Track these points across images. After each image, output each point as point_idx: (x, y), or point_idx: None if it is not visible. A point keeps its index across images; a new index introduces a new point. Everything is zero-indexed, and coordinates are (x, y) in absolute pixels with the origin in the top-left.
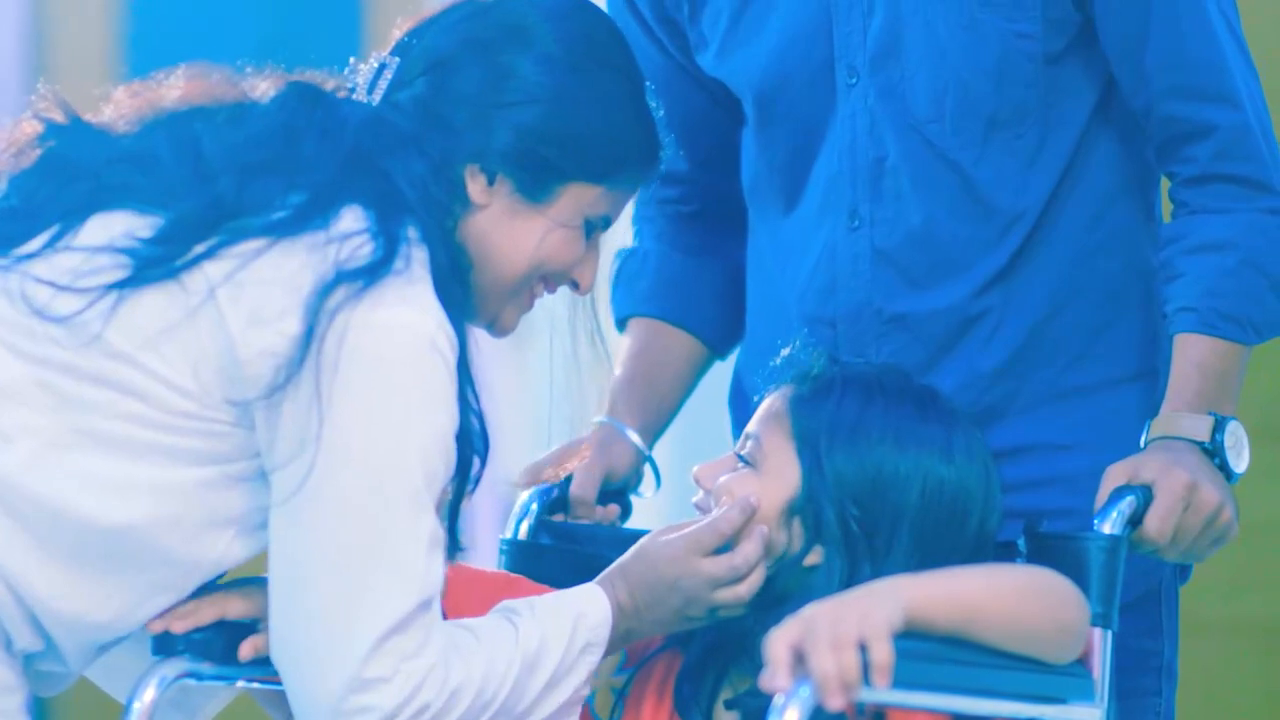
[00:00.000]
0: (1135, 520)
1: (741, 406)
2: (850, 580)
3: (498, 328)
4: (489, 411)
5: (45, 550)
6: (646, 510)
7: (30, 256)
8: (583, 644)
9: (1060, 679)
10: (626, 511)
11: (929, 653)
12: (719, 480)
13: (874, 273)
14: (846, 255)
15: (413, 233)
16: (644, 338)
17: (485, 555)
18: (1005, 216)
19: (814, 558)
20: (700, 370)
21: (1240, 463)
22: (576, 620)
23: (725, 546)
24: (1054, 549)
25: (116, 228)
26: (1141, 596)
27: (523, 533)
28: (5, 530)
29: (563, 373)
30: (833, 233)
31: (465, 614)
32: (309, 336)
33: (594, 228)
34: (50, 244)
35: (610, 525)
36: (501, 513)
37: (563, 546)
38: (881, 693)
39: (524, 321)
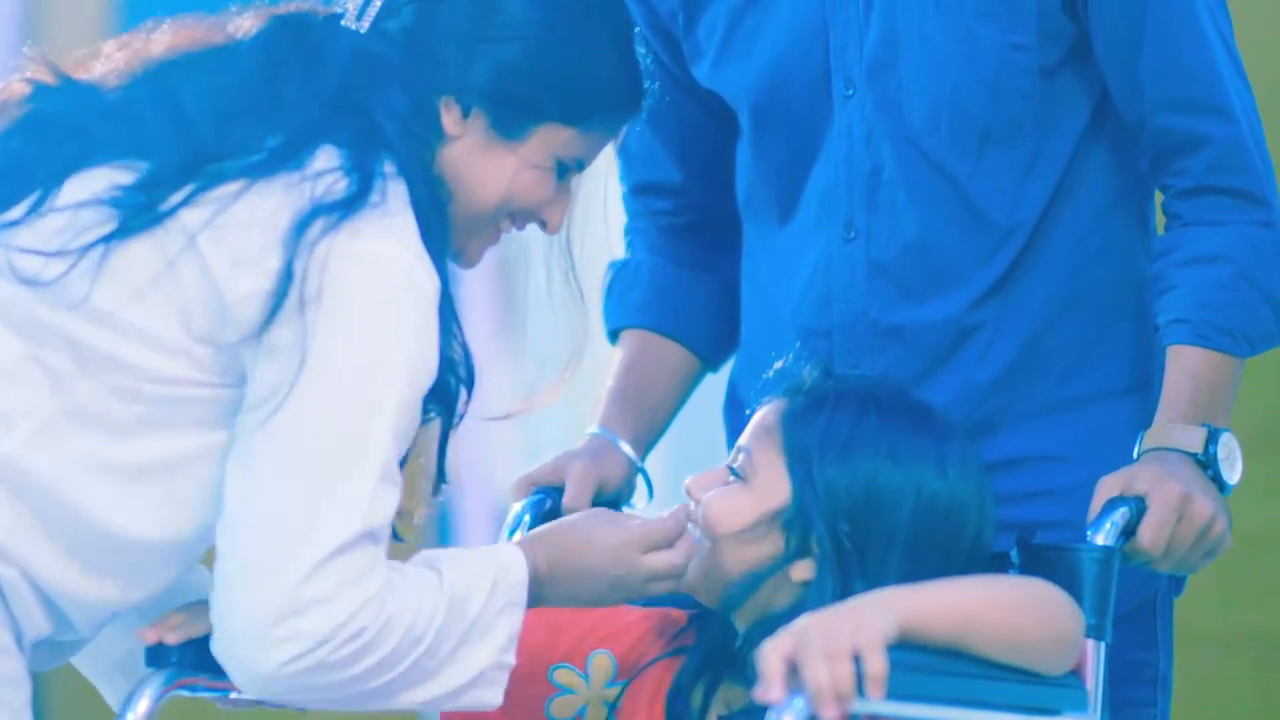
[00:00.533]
0: (1128, 532)
1: (736, 417)
2: (843, 596)
3: (463, 260)
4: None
5: (51, 531)
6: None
7: (13, 224)
8: (503, 602)
9: (1054, 690)
10: None
11: (923, 664)
12: (707, 494)
13: (869, 284)
14: (842, 266)
15: (389, 167)
16: (636, 349)
17: None
18: (1000, 229)
19: (804, 572)
20: (692, 382)
21: (1233, 474)
22: (497, 577)
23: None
24: (1047, 560)
25: (98, 183)
26: (1136, 608)
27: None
28: (13, 513)
29: (539, 323)
30: (828, 244)
31: None
32: (289, 270)
33: (567, 169)
34: (34, 209)
35: None
36: (495, 523)
37: None
38: (875, 704)
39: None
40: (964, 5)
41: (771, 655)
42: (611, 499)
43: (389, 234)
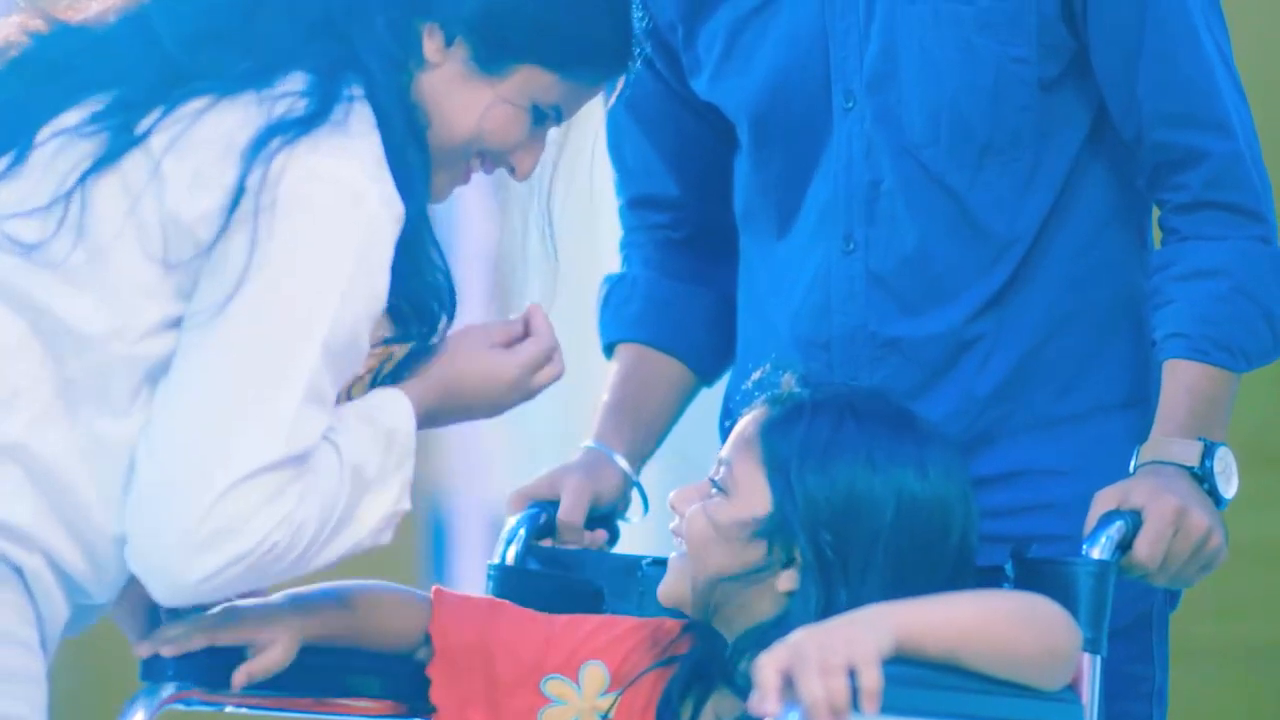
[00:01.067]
0: (1124, 545)
1: (731, 431)
2: (827, 605)
3: (430, 195)
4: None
5: (65, 515)
6: (634, 535)
7: None
8: (396, 459)
9: (1049, 704)
10: (614, 536)
11: (918, 678)
12: (690, 508)
13: (868, 296)
14: (841, 279)
15: (356, 90)
16: (632, 363)
17: (474, 580)
18: (999, 242)
19: (788, 583)
20: (687, 396)
21: (1229, 488)
22: (390, 436)
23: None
24: (1042, 574)
25: (72, 120)
26: (1133, 622)
27: (510, 558)
28: (33, 498)
29: (508, 268)
30: (827, 256)
31: (452, 640)
32: (242, 184)
33: (543, 116)
34: (14, 164)
35: (598, 550)
36: (489, 533)
37: (551, 572)
38: (871, 718)
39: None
40: (964, 17)
41: (767, 669)
42: (606, 512)
43: (344, 154)
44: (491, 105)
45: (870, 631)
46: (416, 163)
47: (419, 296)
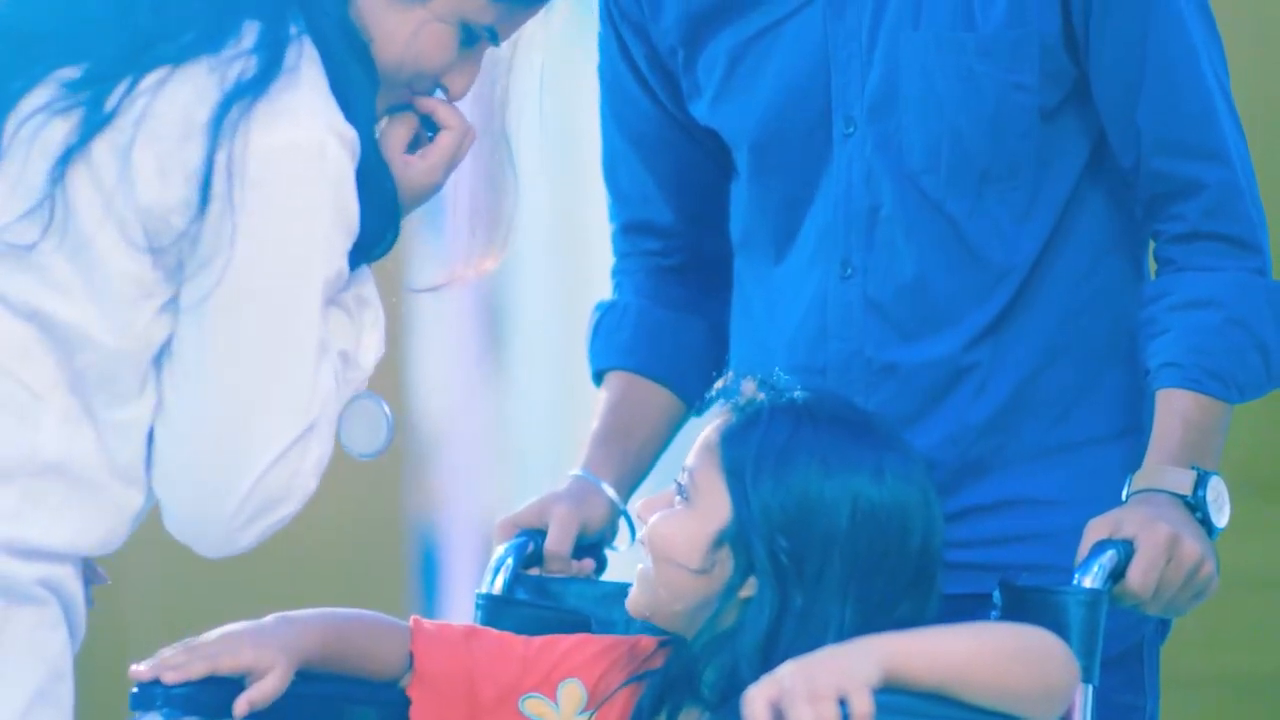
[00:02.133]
0: (1117, 574)
1: None
2: (783, 611)
3: (375, 115)
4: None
5: (94, 512)
6: (622, 564)
7: None
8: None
9: None
10: (601, 565)
11: (909, 707)
12: (653, 518)
13: (865, 322)
14: (838, 304)
15: (294, 29)
16: (621, 391)
17: (464, 602)
18: (996, 270)
19: (748, 590)
20: (676, 425)
21: (1221, 518)
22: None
23: None
24: (1032, 603)
25: (42, 97)
26: (1124, 652)
27: (498, 587)
28: (71, 512)
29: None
30: (824, 282)
31: (433, 665)
32: (210, 161)
33: (474, 37)
34: None
35: (586, 579)
36: (480, 558)
37: (538, 601)
38: None
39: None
40: (966, 45)
41: (756, 701)
42: (594, 541)
43: (301, 112)
44: (422, 25)
45: (858, 660)
46: (362, 85)
47: (370, 218)
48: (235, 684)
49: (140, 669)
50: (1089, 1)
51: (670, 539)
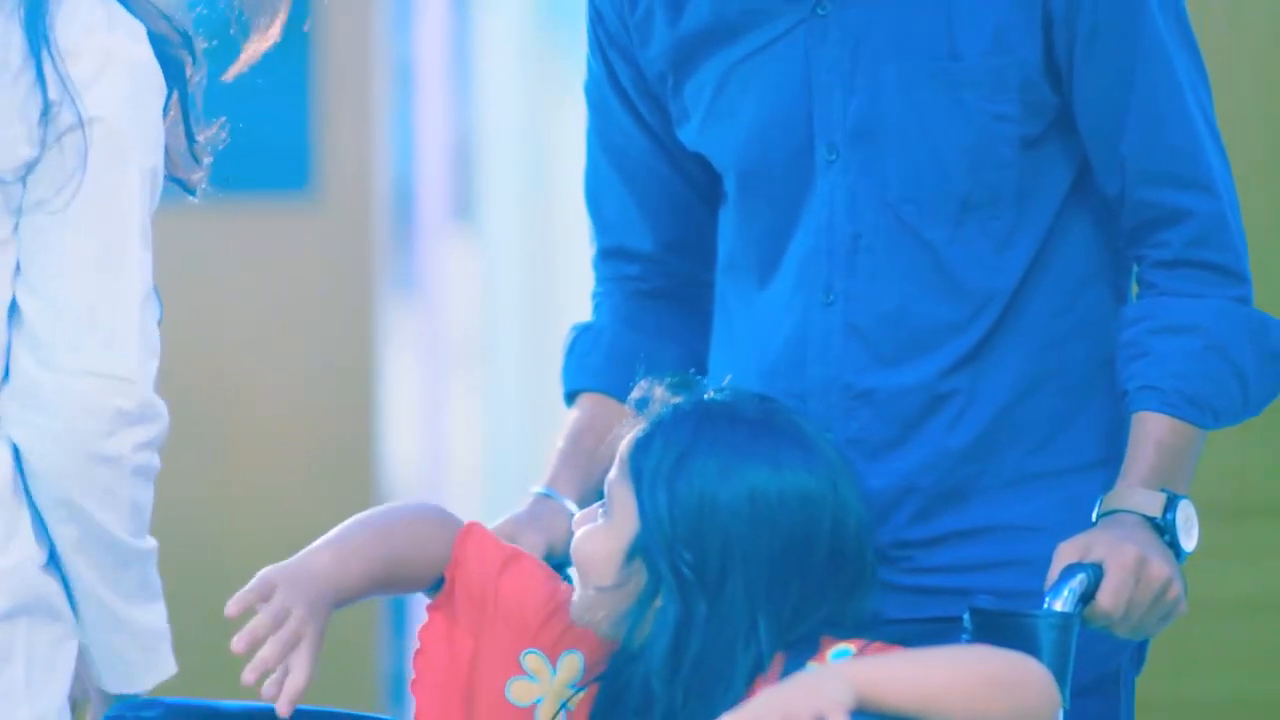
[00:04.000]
0: (1086, 597)
1: None
2: (688, 621)
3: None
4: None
5: None
6: None
7: None
8: None
9: None
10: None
11: None
12: (577, 534)
13: (845, 348)
14: (819, 330)
15: None
16: (590, 412)
17: None
18: (977, 298)
19: (661, 602)
20: None
21: (1190, 541)
22: None
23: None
24: (1002, 627)
25: None
26: (1099, 679)
27: None
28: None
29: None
30: (807, 309)
31: (466, 571)
32: (42, 81)
33: None
34: None
35: None
36: None
37: None
38: None
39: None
40: (948, 73)
41: None
42: (558, 562)
43: (112, 27)
44: None
45: (831, 684)
46: None
47: (164, 51)
48: (213, 713)
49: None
50: (1073, 33)
51: (588, 555)
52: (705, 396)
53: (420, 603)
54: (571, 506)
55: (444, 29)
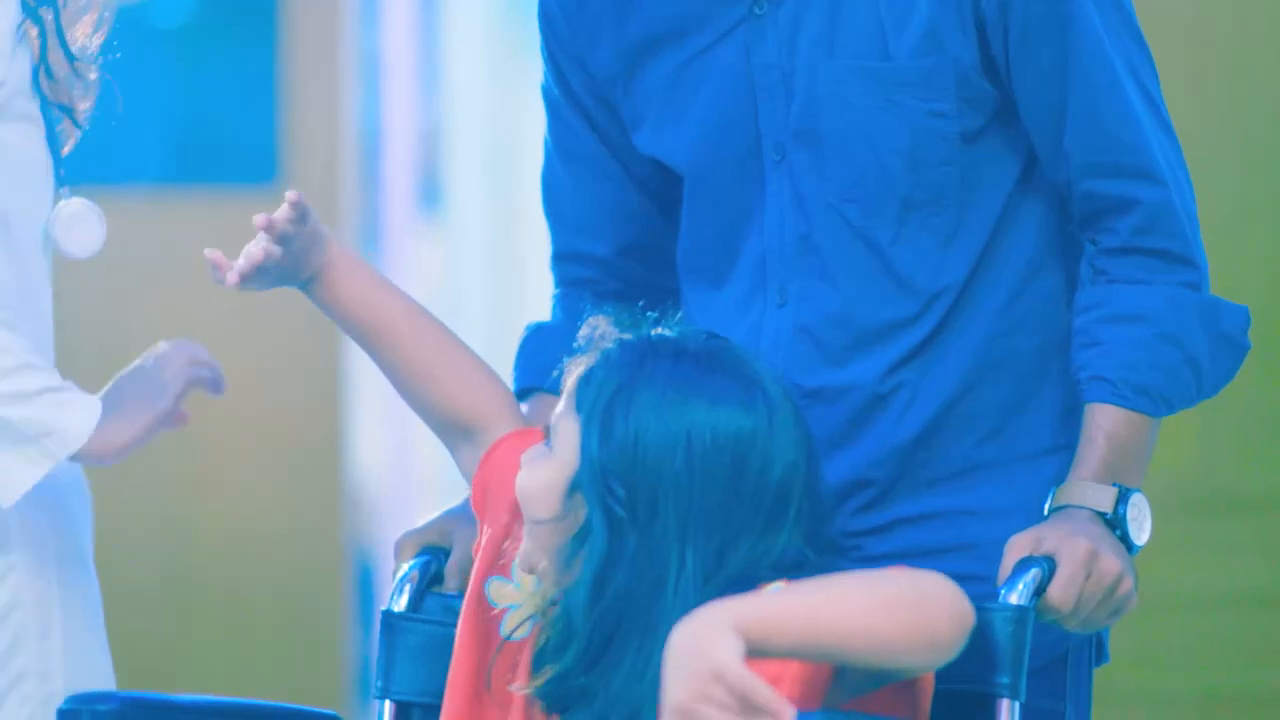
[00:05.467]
0: (1039, 591)
1: None
2: (615, 553)
3: None
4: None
5: None
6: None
7: None
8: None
9: None
10: None
11: None
12: (521, 469)
13: (794, 348)
14: (771, 331)
15: None
16: (537, 411)
17: None
18: (924, 295)
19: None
20: None
21: (1141, 535)
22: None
23: None
24: None
25: None
26: (1050, 662)
27: (402, 605)
28: None
29: None
30: (762, 311)
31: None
32: None
33: None
34: None
35: None
36: None
37: (445, 620)
38: None
39: None
40: (881, 74)
41: None
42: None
43: None
44: None
45: (716, 642)
46: None
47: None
48: (165, 706)
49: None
50: (1006, 30)
51: (530, 490)
52: (652, 332)
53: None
54: None
55: (411, 22)
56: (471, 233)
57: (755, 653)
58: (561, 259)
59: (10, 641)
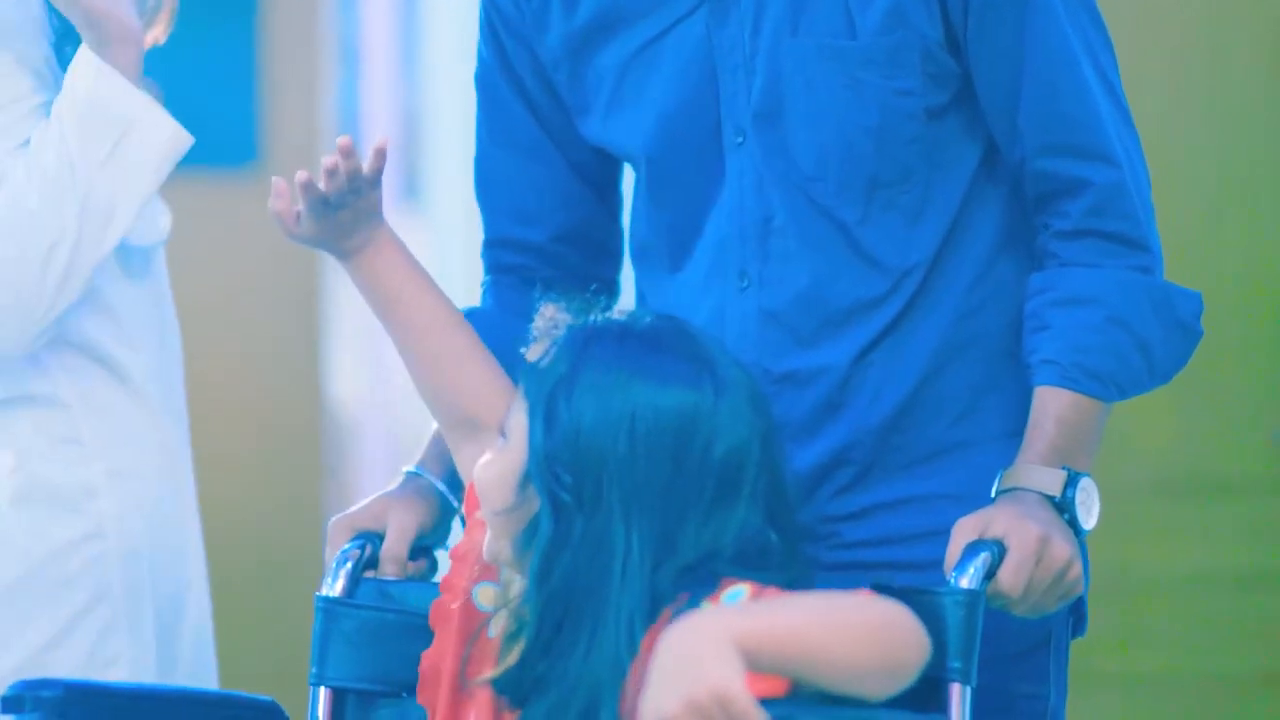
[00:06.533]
0: (989, 575)
1: None
2: (561, 539)
3: None
4: None
5: None
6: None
7: None
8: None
9: None
10: (433, 567)
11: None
12: (479, 462)
13: (761, 333)
14: (735, 316)
15: None
16: None
17: None
18: (892, 275)
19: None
20: None
21: (1089, 520)
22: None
23: None
24: (908, 604)
25: None
26: (1033, 645)
27: (339, 590)
28: None
29: None
30: (722, 295)
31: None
32: None
33: None
34: None
35: (424, 581)
36: None
37: (379, 605)
38: None
39: None
40: (847, 52)
41: None
42: (426, 543)
43: None
44: None
45: (716, 662)
46: None
47: None
48: (108, 693)
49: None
50: (966, 8)
51: (486, 482)
52: (600, 316)
53: None
54: (441, 486)
55: (390, 6)
56: (452, 217)
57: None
58: (494, 245)
59: (101, 629)
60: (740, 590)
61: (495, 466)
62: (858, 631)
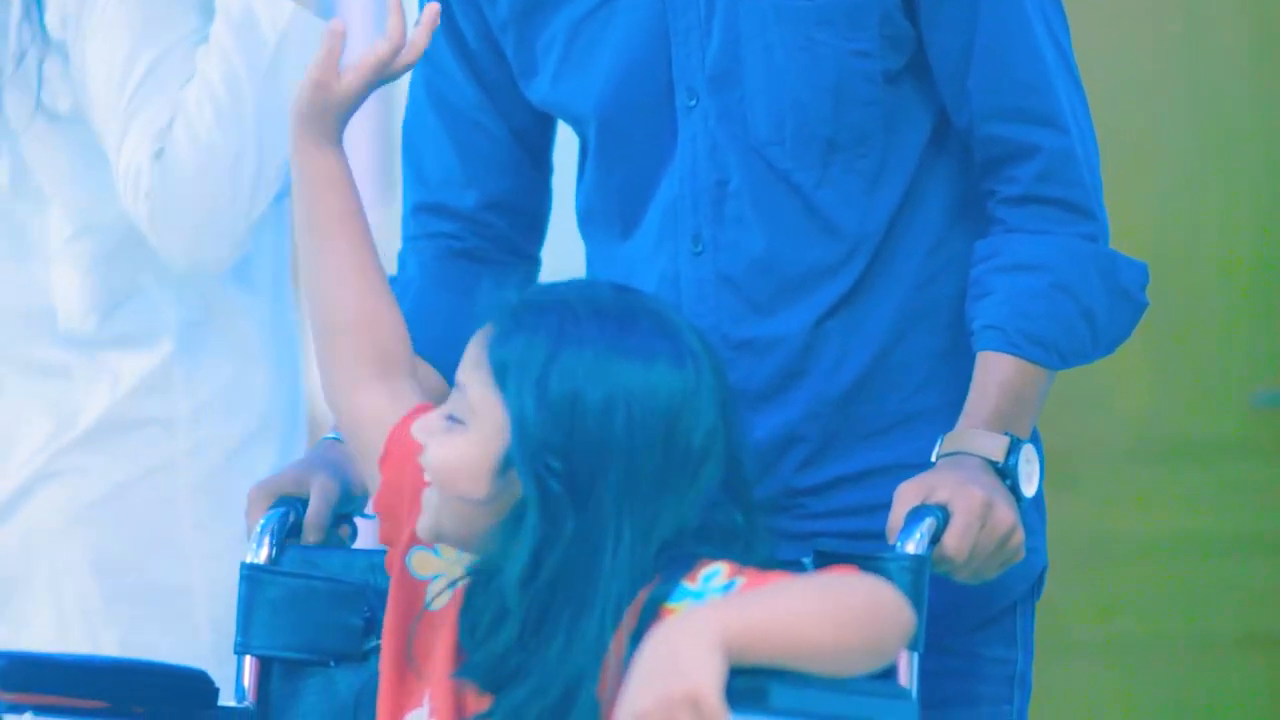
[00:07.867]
0: (933, 539)
1: None
2: (553, 530)
3: None
4: None
5: None
6: (371, 531)
7: None
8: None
9: (886, 702)
10: (353, 533)
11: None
12: (432, 446)
13: (718, 298)
14: (691, 281)
15: None
16: None
17: None
18: (849, 240)
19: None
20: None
21: (1030, 487)
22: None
23: None
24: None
25: None
26: (1000, 611)
27: (263, 557)
28: None
29: None
30: (674, 259)
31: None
32: None
33: None
34: None
35: (346, 548)
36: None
37: (306, 572)
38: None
39: None
40: (805, 13)
41: None
42: (347, 510)
43: None
44: None
45: (699, 660)
46: None
47: None
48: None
49: None
50: None
51: (453, 468)
52: (560, 288)
53: None
54: None
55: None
56: None
57: (736, 664)
58: (421, 211)
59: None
60: (717, 569)
61: (458, 451)
62: (845, 617)
